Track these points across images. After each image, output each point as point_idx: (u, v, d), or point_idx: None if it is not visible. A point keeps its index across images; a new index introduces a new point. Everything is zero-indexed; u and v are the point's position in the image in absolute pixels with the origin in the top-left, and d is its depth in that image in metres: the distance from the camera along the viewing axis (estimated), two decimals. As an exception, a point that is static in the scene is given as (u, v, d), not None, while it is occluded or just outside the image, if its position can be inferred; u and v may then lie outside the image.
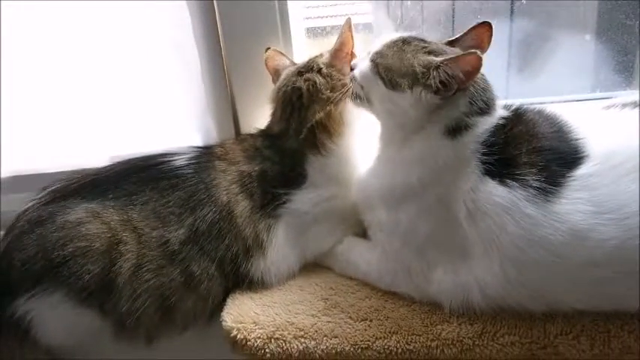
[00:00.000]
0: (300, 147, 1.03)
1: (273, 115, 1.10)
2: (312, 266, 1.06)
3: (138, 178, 1.01)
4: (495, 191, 0.84)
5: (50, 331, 0.94)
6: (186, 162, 1.04)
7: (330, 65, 1.06)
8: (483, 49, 0.93)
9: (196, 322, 0.98)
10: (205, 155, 1.06)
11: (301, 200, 1.02)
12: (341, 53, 1.06)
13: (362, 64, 0.97)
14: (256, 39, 1.15)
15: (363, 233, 1.05)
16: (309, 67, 1.06)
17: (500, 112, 0.93)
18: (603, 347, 0.83)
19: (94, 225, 0.92)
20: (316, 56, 1.09)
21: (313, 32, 1.30)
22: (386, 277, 0.97)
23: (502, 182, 0.84)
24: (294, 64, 1.12)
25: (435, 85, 0.87)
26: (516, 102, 0.98)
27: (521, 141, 0.87)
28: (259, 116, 1.22)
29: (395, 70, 0.91)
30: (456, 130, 0.90)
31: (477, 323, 0.88)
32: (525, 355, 0.85)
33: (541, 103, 0.97)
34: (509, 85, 1.54)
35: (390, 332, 0.89)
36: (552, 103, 1.05)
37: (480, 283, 0.86)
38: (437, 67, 0.87)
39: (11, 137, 1.21)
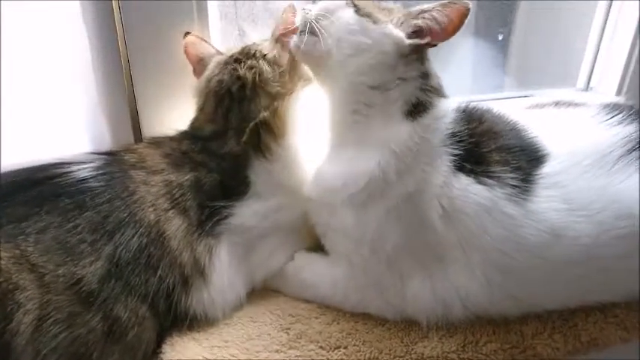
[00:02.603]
0: (241, 150, 0.86)
1: (202, 111, 0.90)
2: (258, 292, 0.90)
3: (26, 198, 0.74)
4: (473, 189, 0.79)
5: None
6: (91, 173, 0.79)
7: (276, 42, 0.92)
8: None
9: (124, 380, 0.75)
10: (114, 163, 0.83)
11: (245, 213, 0.85)
12: (285, 39, 0.91)
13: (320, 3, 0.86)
14: (166, 24, 0.95)
15: (314, 248, 0.92)
16: (248, 54, 0.90)
17: (457, 106, 0.88)
18: (575, 342, 0.84)
19: (-26, 267, 0.64)
20: (253, 44, 0.92)
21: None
22: (353, 297, 0.85)
23: (479, 181, 0.79)
24: (220, 52, 0.95)
25: (416, 26, 0.81)
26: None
27: (487, 139, 0.83)
28: (169, 116, 1.02)
29: (371, 6, 0.84)
30: (416, 107, 0.82)
31: (457, 335, 0.82)
32: (508, 361, 0.82)
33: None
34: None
35: (370, 359, 0.78)
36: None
37: (460, 293, 0.80)
38: (423, 11, 0.81)
39: None
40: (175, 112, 1.02)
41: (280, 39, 0.91)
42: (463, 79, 1.59)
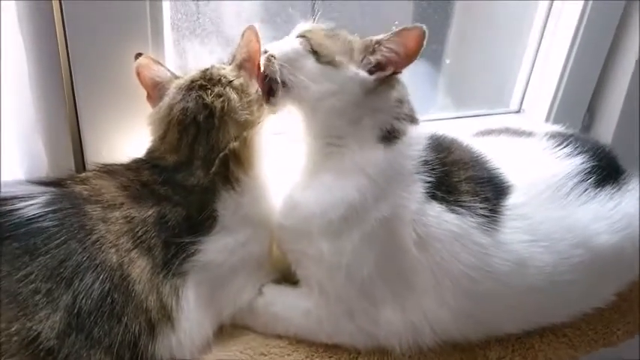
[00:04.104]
0: (209, 182, 0.81)
1: (163, 141, 0.83)
2: (225, 330, 0.85)
3: (-34, 244, 0.64)
4: (445, 217, 0.81)
5: None
6: (40, 210, 0.70)
7: (239, 69, 0.87)
8: None
9: None
10: (65, 198, 0.74)
11: (214, 249, 0.80)
12: (249, 64, 0.87)
13: (282, 43, 0.86)
14: (116, 37, 0.87)
15: (280, 280, 0.90)
16: (212, 80, 0.84)
17: (428, 134, 0.90)
18: (533, 363, 0.89)
19: None
20: (212, 67, 0.87)
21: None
22: (327, 326, 0.83)
23: (451, 209, 0.81)
24: (176, 75, 0.88)
25: (375, 61, 0.82)
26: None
27: (457, 169, 0.86)
28: (115, 138, 0.94)
29: (329, 46, 0.84)
30: (390, 134, 0.84)
31: (429, 364, 0.84)
32: (476, 387, 0.85)
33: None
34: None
35: (348, 395, 0.77)
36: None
37: (430, 319, 0.82)
38: (378, 43, 0.82)
39: None
40: (123, 135, 0.94)
41: (245, 66, 0.87)
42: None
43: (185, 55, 1.03)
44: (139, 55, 0.86)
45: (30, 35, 0.84)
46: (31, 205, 0.71)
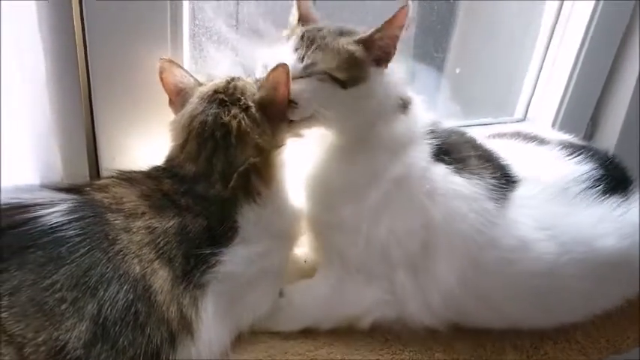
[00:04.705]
0: (230, 194, 0.81)
1: (183, 149, 0.83)
2: (242, 338, 0.84)
3: (-10, 252, 0.64)
4: (452, 178, 0.86)
5: None
6: (63, 218, 0.69)
7: (259, 108, 0.85)
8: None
9: None
10: (87, 206, 0.74)
11: (234, 260, 0.79)
12: (272, 109, 0.85)
13: (296, 84, 0.84)
14: (136, 42, 0.87)
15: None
16: (232, 96, 0.84)
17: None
18: (546, 369, 0.90)
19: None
20: (237, 79, 0.87)
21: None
22: (350, 293, 0.87)
23: (459, 173, 0.87)
24: (199, 82, 0.88)
25: (379, 52, 0.86)
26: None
27: (468, 147, 0.92)
28: (131, 144, 0.93)
29: (343, 67, 0.84)
30: (406, 102, 0.91)
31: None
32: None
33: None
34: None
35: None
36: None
37: (438, 285, 0.85)
38: (379, 38, 0.85)
39: None
40: (138, 140, 0.94)
41: (264, 105, 0.85)
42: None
43: (201, 60, 1.02)
44: (162, 59, 0.85)
45: (49, 36, 0.82)
46: (54, 212, 0.70)
